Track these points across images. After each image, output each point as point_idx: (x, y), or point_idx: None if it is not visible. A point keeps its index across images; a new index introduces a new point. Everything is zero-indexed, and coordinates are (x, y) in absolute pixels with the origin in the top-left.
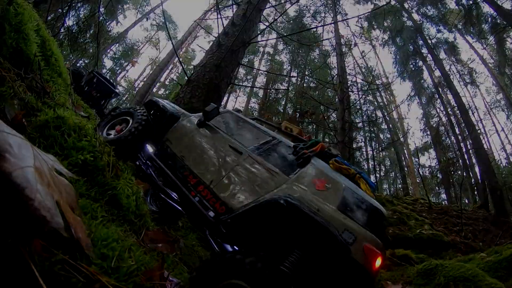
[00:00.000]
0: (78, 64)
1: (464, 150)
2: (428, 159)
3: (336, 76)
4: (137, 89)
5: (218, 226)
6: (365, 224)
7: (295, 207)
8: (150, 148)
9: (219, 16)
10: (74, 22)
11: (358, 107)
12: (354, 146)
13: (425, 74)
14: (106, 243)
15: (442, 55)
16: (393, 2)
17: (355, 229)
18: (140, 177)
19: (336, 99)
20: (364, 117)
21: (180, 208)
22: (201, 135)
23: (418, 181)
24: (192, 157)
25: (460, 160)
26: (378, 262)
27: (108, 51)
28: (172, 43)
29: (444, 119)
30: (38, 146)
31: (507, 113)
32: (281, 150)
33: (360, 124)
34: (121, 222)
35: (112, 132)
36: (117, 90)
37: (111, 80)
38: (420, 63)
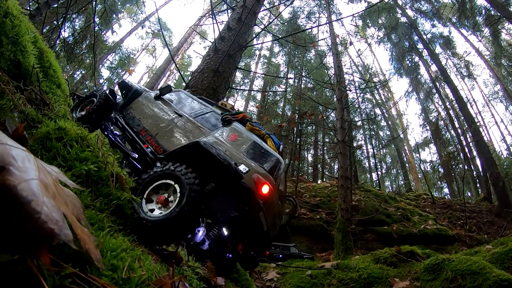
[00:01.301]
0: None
1: (464, 143)
2: (429, 154)
3: (333, 75)
4: None
5: (155, 162)
6: (260, 164)
7: (208, 146)
8: (117, 117)
9: (214, 21)
10: (70, 34)
11: (356, 105)
12: (355, 145)
13: (422, 70)
14: (115, 254)
15: (438, 49)
16: None
17: (250, 164)
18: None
19: (334, 99)
20: (363, 116)
21: (140, 167)
22: (154, 104)
23: (420, 176)
24: (145, 118)
25: (461, 154)
26: (265, 188)
27: (105, 61)
28: (168, 50)
29: (443, 113)
30: (41, 158)
31: (505, 104)
32: (212, 116)
33: (359, 123)
34: (128, 232)
35: (83, 112)
36: None
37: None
38: (416, 58)
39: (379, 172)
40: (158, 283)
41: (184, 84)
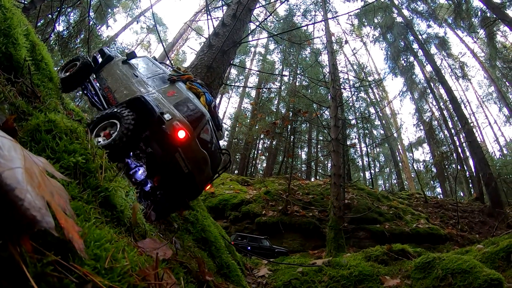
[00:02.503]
0: None
1: (457, 143)
2: (422, 154)
3: (328, 73)
4: None
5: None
6: (184, 115)
7: (145, 99)
8: (91, 78)
9: (209, 17)
10: (65, 27)
11: (351, 104)
12: (348, 143)
13: (417, 69)
14: (99, 244)
15: (433, 50)
16: None
17: (175, 114)
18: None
19: (329, 97)
20: (357, 114)
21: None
22: (120, 68)
23: (413, 175)
24: (110, 78)
25: (454, 154)
26: (181, 133)
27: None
28: (163, 46)
29: (437, 113)
30: (30, 150)
31: (499, 106)
32: (162, 77)
33: (353, 121)
34: (115, 224)
35: (67, 73)
36: None
37: None
38: (411, 58)
39: (372, 171)
40: (141, 273)
41: None
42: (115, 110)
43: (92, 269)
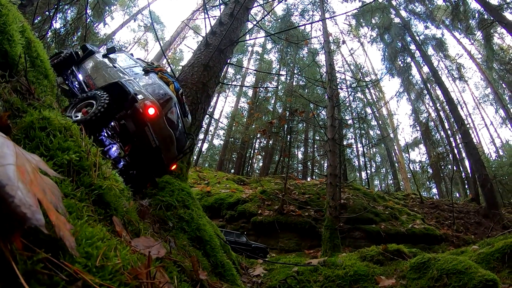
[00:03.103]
0: None
1: (454, 144)
2: (419, 154)
3: (325, 73)
4: None
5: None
6: (154, 96)
7: (121, 83)
8: (74, 69)
9: (206, 16)
10: (62, 25)
11: (347, 104)
12: (345, 143)
13: (414, 70)
14: (91, 242)
15: (430, 51)
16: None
17: (147, 96)
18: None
19: (326, 97)
20: (354, 114)
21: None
22: (100, 60)
23: (409, 176)
24: (91, 68)
25: (450, 155)
26: (151, 110)
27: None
28: (160, 45)
29: (433, 114)
30: (24, 147)
31: (495, 107)
32: (138, 69)
33: (350, 121)
34: (109, 223)
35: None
36: None
37: None
38: (409, 59)
39: (369, 171)
40: (133, 272)
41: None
42: (94, 92)
43: (83, 267)
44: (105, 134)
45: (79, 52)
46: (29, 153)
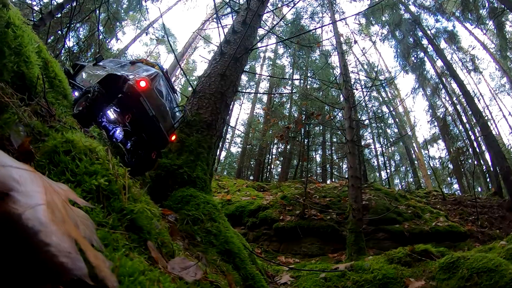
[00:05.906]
0: None
1: (473, 138)
2: (438, 150)
3: (339, 75)
4: None
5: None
6: (144, 75)
7: (113, 73)
8: (71, 80)
9: (219, 25)
10: (75, 43)
11: (363, 104)
12: (363, 143)
13: (428, 65)
14: (133, 279)
15: (443, 44)
16: None
17: (137, 76)
18: None
19: (341, 98)
20: (370, 114)
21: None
22: (92, 67)
23: (429, 173)
24: (85, 75)
25: (470, 149)
26: (142, 83)
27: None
28: (174, 55)
29: (450, 108)
30: (48, 174)
31: None
32: (126, 65)
33: (366, 122)
34: (144, 249)
35: None
36: None
37: None
38: (422, 54)
39: (388, 170)
40: None
41: (190, 89)
42: (88, 86)
43: None
44: (106, 120)
45: (70, 71)
46: (56, 182)
